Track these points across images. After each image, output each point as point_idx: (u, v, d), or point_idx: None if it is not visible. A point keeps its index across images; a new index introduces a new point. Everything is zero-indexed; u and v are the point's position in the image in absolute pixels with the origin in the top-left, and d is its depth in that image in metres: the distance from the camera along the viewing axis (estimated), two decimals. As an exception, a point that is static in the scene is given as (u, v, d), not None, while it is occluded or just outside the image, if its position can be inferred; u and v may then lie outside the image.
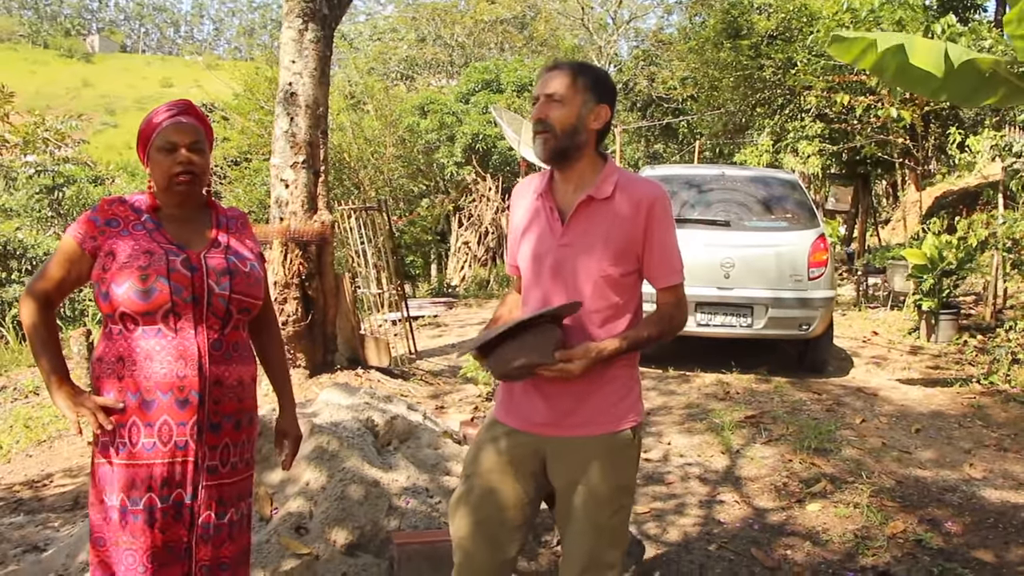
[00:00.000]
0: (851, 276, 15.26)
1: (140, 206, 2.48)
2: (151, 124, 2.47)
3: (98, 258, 2.40)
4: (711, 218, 7.92)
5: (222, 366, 2.43)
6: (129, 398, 2.35)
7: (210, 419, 2.41)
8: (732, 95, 18.49)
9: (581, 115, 2.36)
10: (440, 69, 35.77)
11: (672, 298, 2.45)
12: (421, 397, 6.90)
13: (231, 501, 2.49)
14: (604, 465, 2.39)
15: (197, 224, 2.52)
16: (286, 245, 6.48)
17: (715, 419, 6.28)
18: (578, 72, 2.39)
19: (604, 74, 2.46)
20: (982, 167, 12.34)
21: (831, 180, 19.04)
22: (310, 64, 6.70)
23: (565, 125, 2.36)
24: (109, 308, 2.37)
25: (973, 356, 8.77)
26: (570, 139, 2.37)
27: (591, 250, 2.36)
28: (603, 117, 2.39)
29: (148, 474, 2.36)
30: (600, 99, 2.38)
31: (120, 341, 2.38)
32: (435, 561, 3.56)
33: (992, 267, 10.40)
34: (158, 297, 2.33)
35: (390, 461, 4.37)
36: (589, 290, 2.36)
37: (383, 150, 18.14)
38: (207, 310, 2.40)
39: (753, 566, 3.99)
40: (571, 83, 2.36)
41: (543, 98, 2.39)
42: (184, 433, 2.36)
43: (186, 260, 2.40)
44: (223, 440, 2.45)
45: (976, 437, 6.08)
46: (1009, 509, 4.74)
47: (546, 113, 2.37)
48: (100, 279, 2.38)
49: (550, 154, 2.40)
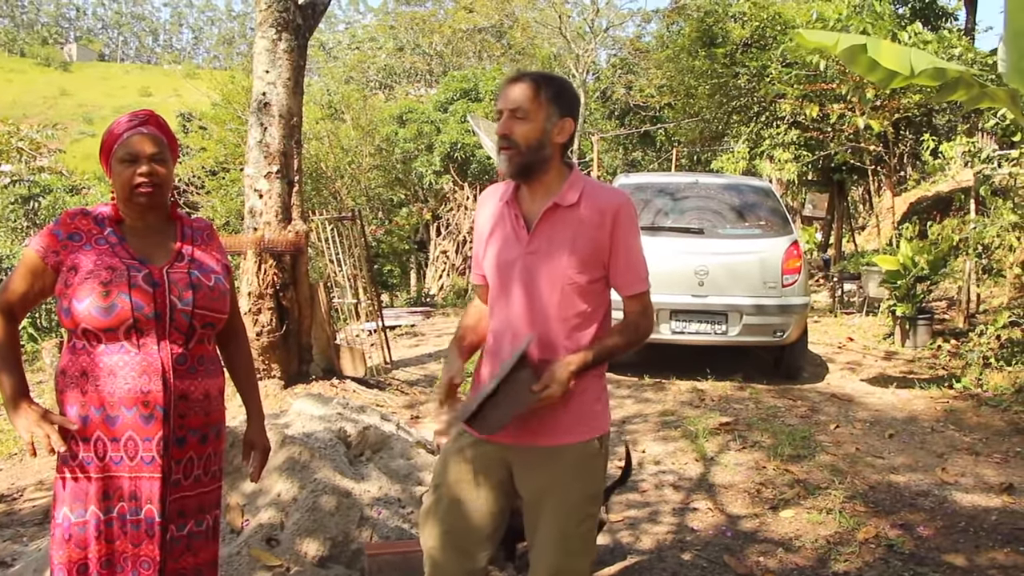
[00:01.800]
0: (827, 282, 15.36)
1: (103, 219, 2.45)
2: (112, 135, 2.44)
3: (60, 272, 2.38)
4: (685, 226, 7.95)
5: (187, 380, 2.42)
6: (93, 413, 2.33)
7: (175, 433, 2.39)
8: (708, 103, 18.59)
9: (546, 129, 2.34)
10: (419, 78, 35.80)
11: (638, 306, 2.45)
12: (396, 407, 6.88)
13: (191, 513, 2.47)
14: (571, 475, 2.39)
15: (161, 237, 2.50)
16: (260, 255, 6.46)
17: (690, 426, 6.30)
18: (541, 85, 2.35)
19: (567, 85, 2.44)
20: (955, 173, 12.44)
21: (807, 187, 19.15)
22: (284, 74, 6.69)
23: (530, 140, 2.34)
24: (71, 323, 2.35)
25: (947, 361, 8.84)
26: (535, 154, 2.35)
27: (557, 257, 2.35)
28: (567, 130, 2.37)
29: (119, 486, 2.35)
30: (564, 112, 2.36)
31: (83, 356, 2.36)
32: (407, 571, 3.54)
33: (964, 272, 10.49)
34: (120, 313, 2.31)
35: (362, 472, 4.35)
36: (556, 298, 2.36)
37: (360, 159, 18.11)
38: (170, 325, 2.38)
39: (726, 574, 3.99)
40: (534, 96, 2.33)
41: (506, 113, 2.36)
42: (150, 448, 2.35)
43: (148, 276, 2.38)
44: (187, 454, 2.44)
45: (949, 441, 6.13)
46: (980, 513, 4.78)
47: (510, 129, 2.35)
48: (62, 294, 2.36)
49: (515, 170, 2.39)
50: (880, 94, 12.65)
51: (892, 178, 16.63)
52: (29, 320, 11.49)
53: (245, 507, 4.01)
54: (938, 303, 11.53)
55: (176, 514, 2.43)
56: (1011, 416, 6.65)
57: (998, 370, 7.76)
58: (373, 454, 4.65)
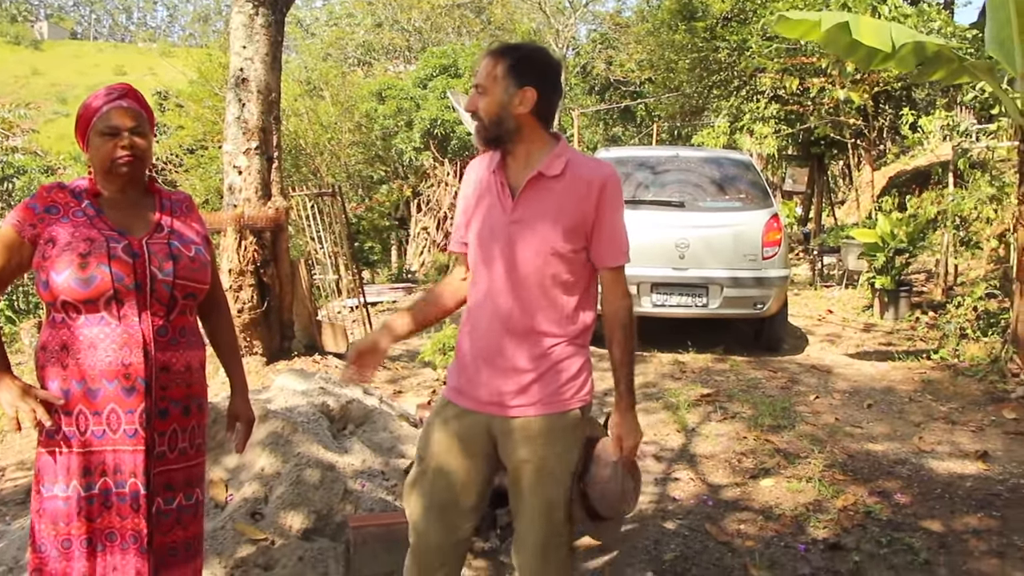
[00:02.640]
0: (807, 256, 15.44)
1: (80, 192, 2.44)
2: (90, 108, 2.43)
3: (38, 246, 2.36)
4: (666, 199, 7.97)
5: (169, 352, 2.41)
6: (74, 386, 2.33)
7: (158, 405, 2.39)
8: (688, 77, 18.57)
9: (503, 102, 2.34)
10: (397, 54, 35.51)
11: (619, 282, 2.46)
12: (378, 382, 6.88)
13: (179, 487, 2.48)
14: (553, 444, 2.40)
15: (139, 209, 2.49)
16: (240, 232, 6.43)
17: (671, 398, 6.35)
18: (499, 58, 2.37)
19: (530, 54, 2.42)
20: (934, 147, 12.51)
21: (788, 161, 19.21)
22: (261, 49, 6.63)
23: (490, 114, 2.36)
24: (50, 296, 2.34)
25: (924, 332, 8.93)
26: (498, 127, 2.37)
27: (541, 226, 2.36)
28: (529, 99, 2.35)
29: (101, 460, 2.34)
30: (524, 82, 2.34)
31: (63, 329, 2.35)
32: (391, 543, 3.56)
33: (943, 245, 10.57)
34: (99, 284, 2.30)
35: (345, 445, 4.37)
36: (538, 266, 2.36)
37: (340, 136, 18.00)
38: (151, 296, 2.38)
39: (707, 541, 4.04)
40: (491, 71, 2.36)
41: (473, 88, 2.42)
42: (132, 421, 2.34)
43: (127, 246, 2.37)
44: (171, 426, 2.44)
45: (926, 411, 6.21)
46: (956, 480, 4.85)
47: (475, 104, 2.39)
48: (40, 267, 2.34)
49: (482, 143, 2.44)
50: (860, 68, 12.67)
51: (871, 152, 16.70)
52: (6, 302, 11.40)
53: (228, 482, 4.02)
54: (916, 276, 11.62)
55: (163, 487, 2.43)
56: (986, 386, 6.73)
57: (974, 341, 7.85)
58: (356, 428, 4.67)
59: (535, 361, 2.39)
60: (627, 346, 2.46)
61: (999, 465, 5.09)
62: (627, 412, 2.43)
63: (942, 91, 15.55)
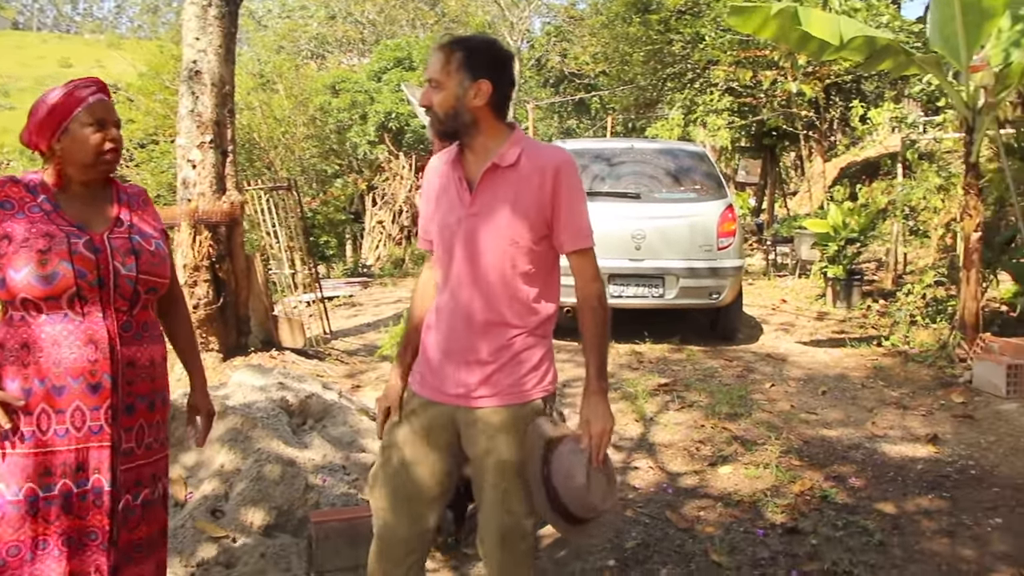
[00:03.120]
0: (760, 246, 15.64)
1: (35, 186, 2.38)
2: (75, 98, 2.37)
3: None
4: (621, 191, 8.01)
5: (133, 347, 2.39)
6: (36, 385, 2.28)
7: (124, 401, 2.36)
8: (642, 70, 18.69)
9: (458, 96, 2.34)
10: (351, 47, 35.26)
11: (586, 266, 2.44)
12: (337, 377, 6.85)
13: (147, 482, 2.45)
14: (516, 434, 2.40)
15: (98, 203, 2.45)
16: (195, 227, 6.35)
17: (629, 388, 6.40)
18: (451, 51, 2.36)
19: (482, 46, 2.41)
20: (883, 138, 12.75)
21: (741, 153, 19.42)
22: (215, 41, 6.54)
23: (445, 109, 2.36)
24: (7, 295, 2.29)
25: (876, 320, 9.10)
26: (453, 121, 2.37)
27: (498, 217, 2.36)
28: (484, 92, 2.34)
29: (62, 460, 2.29)
30: (477, 75, 2.34)
31: (23, 328, 2.30)
32: (353, 538, 3.56)
33: (892, 234, 10.77)
34: (61, 282, 2.26)
35: (305, 440, 4.35)
36: (499, 258, 2.37)
37: (294, 130, 17.83)
38: (114, 292, 2.35)
39: (668, 528, 4.09)
40: (444, 65, 2.35)
41: (427, 83, 2.40)
42: (98, 418, 2.31)
43: (89, 242, 2.33)
44: (138, 421, 2.41)
45: (878, 396, 6.33)
46: (908, 463, 4.96)
47: (429, 99, 2.38)
48: None
49: (439, 137, 2.44)
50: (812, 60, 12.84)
51: (823, 143, 16.94)
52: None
53: (187, 479, 3.98)
54: (867, 265, 11.83)
55: (133, 483, 2.40)
56: (935, 371, 6.88)
57: (924, 328, 8.01)
58: (316, 423, 4.65)
59: (497, 352, 2.40)
60: (596, 330, 2.43)
61: (948, 448, 5.21)
62: (595, 396, 2.39)
63: (891, 84, 15.82)
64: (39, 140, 2.40)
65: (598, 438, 2.36)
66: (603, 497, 2.36)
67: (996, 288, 8.41)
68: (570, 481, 2.32)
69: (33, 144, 2.42)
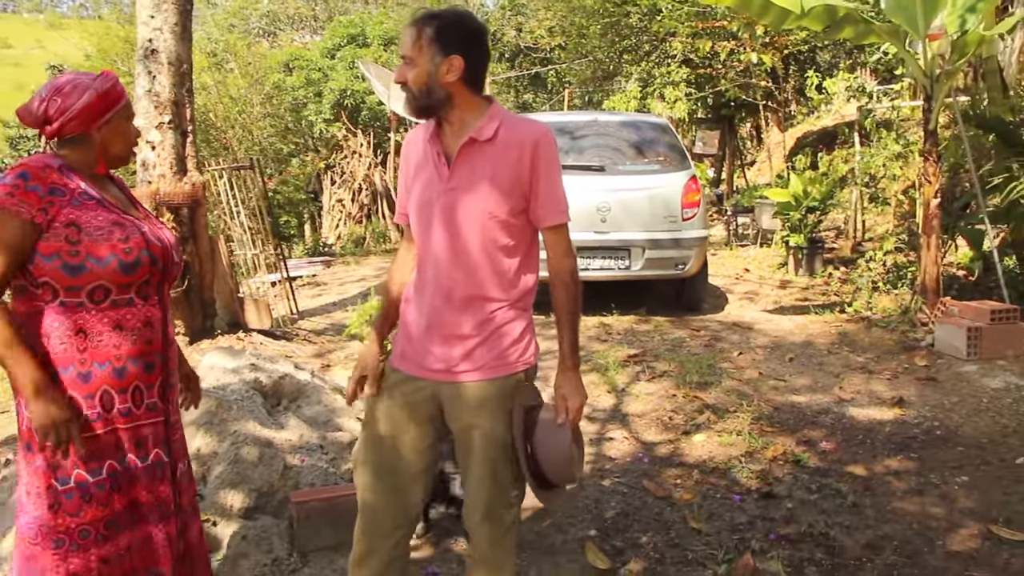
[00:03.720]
0: (721, 217, 15.75)
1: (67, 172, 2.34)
2: (119, 91, 2.42)
3: (53, 229, 2.25)
4: (586, 163, 8.00)
5: (169, 328, 2.51)
6: (96, 368, 2.31)
7: (168, 379, 2.48)
8: (600, 42, 18.65)
9: (431, 72, 2.33)
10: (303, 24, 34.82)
11: (560, 241, 2.47)
12: (305, 357, 6.81)
13: (184, 450, 2.61)
14: (499, 408, 2.41)
15: (113, 191, 2.48)
16: (156, 209, 6.25)
17: (599, 360, 6.43)
18: (422, 27, 2.34)
19: (453, 21, 2.39)
20: (839, 107, 12.87)
21: (698, 124, 19.50)
22: (170, 19, 6.42)
23: (419, 85, 2.35)
24: (78, 281, 2.27)
25: (838, 287, 9.23)
26: (428, 97, 2.36)
27: (476, 191, 2.36)
28: (457, 67, 2.33)
29: (128, 437, 2.37)
30: (449, 50, 2.32)
31: (79, 314, 2.29)
32: (334, 517, 3.56)
33: (851, 202, 10.91)
34: (142, 269, 2.34)
35: (281, 421, 4.32)
36: (478, 232, 2.36)
37: (250, 109, 17.58)
38: (166, 277, 2.46)
39: (646, 497, 4.13)
40: (415, 41, 2.33)
41: (401, 60, 2.40)
42: (153, 396, 2.41)
43: (150, 231, 2.42)
44: (175, 396, 2.55)
45: (844, 362, 6.43)
46: (876, 426, 5.06)
47: (403, 76, 2.37)
48: (65, 251, 2.25)
49: (414, 113, 2.43)
50: (769, 31, 12.92)
51: (779, 113, 17.07)
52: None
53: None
54: (827, 233, 11.97)
55: (181, 453, 2.56)
56: (898, 336, 7.00)
57: (885, 293, 8.15)
58: (290, 403, 4.62)
59: (479, 326, 2.40)
60: (569, 306, 2.48)
61: (914, 410, 5.31)
62: (571, 372, 2.45)
63: (846, 53, 15.96)
64: (82, 123, 2.36)
65: (575, 412, 2.44)
66: (576, 465, 2.48)
67: (954, 253, 8.56)
68: (553, 451, 2.40)
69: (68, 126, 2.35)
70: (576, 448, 2.47)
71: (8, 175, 2.27)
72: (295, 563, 3.45)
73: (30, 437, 2.27)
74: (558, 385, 2.46)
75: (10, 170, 2.29)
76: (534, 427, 2.42)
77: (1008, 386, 5.62)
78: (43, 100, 2.34)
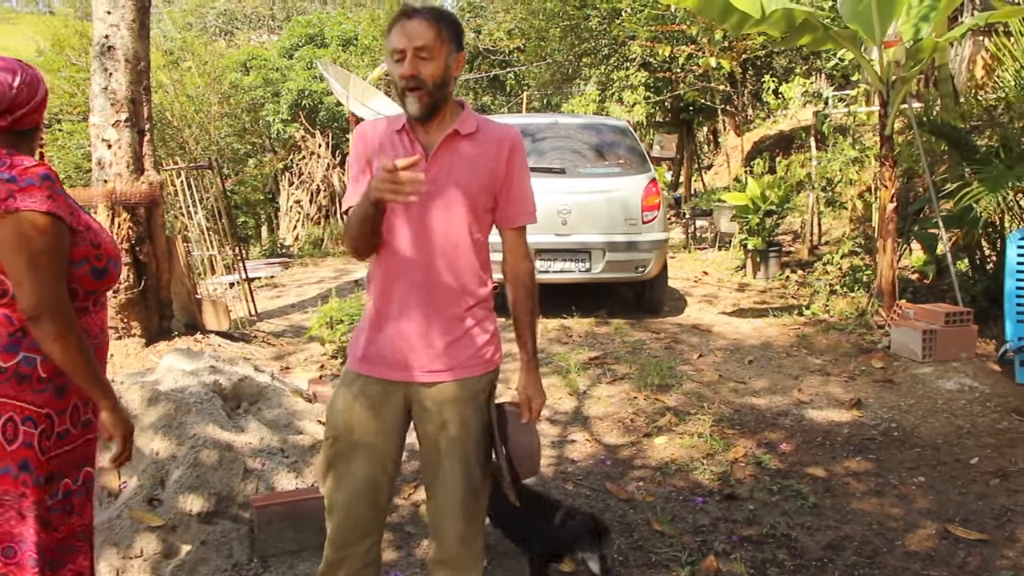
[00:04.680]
0: (679, 220, 15.86)
1: None
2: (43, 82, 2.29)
3: (81, 232, 2.16)
4: (546, 166, 8.00)
5: None
6: None
7: None
8: (559, 45, 18.68)
9: (448, 66, 2.31)
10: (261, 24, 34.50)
11: (520, 243, 2.47)
12: (264, 359, 6.73)
13: None
14: (468, 409, 2.40)
15: None
16: (113, 208, 6.13)
17: (560, 362, 6.43)
18: (439, 22, 2.31)
19: (455, 20, 2.40)
20: (795, 112, 13.02)
21: (656, 128, 19.63)
22: (127, 15, 6.30)
23: (436, 79, 2.29)
24: (100, 285, 2.23)
25: (795, 290, 9.33)
26: (440, 92, 2.32)
27: (456, 184, 2.34)
28: (462, 64, 2.38)
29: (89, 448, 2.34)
30: (459, 47, 2.35)
31: (84, 318, 2.23)
32: (296, 521, 3.52)
33: (808, 206, 11.04)
34: (120, 268, 2.31)
35: (241, 424, 4.26)
36: (457, 223, 2.35)
37: (208, 108, 17.36)
38: None
39: (608, 500, 4.14)
40: (437, 35, 2.28)
41: (411, 52, 2.26)
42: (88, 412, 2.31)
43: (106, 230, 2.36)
44: None
45: (802, 364, 6.50)
46: (834, 427, 5.11)
47: (418, 69, 2.27)
48: (92, 256, 2.18)
49: (425, 110, 2.32)
50: (729, 35, 13.04)
51: (736, 118, 17.24)
52: None
53: (120, 468, 3.86)
54: (784, 236, 12.10)
55: None
56: (855, 338, 7.08)
57: (842, 296, 8.25)
58: (250, 406, 4.56)
59: (454, 323, 2.38)
60: (530, 307, 2.49)
61: (871, 412, 5.38)
62: (533, 373, 2.49)
63: (802, 59, 16.16)
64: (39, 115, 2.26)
65: (538, 412, 2.49)
66: (538, 462, 2.57)
67: (908, 257, 8.70)
68: (523, 447, 2.46)
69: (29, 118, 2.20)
70: (537, 444, 2.54)
71: (28, 177, 2.04)
72: (255, 568, 3.40)
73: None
74: (524, 386, 2.48)
75: (23, 171, 2.05)
76: (506, 425, 2.45)
77: (962, 387, 5.71)
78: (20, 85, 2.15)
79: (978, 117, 8.10)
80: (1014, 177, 6.38)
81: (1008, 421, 5.11)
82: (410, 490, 4.20)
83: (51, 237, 2.04)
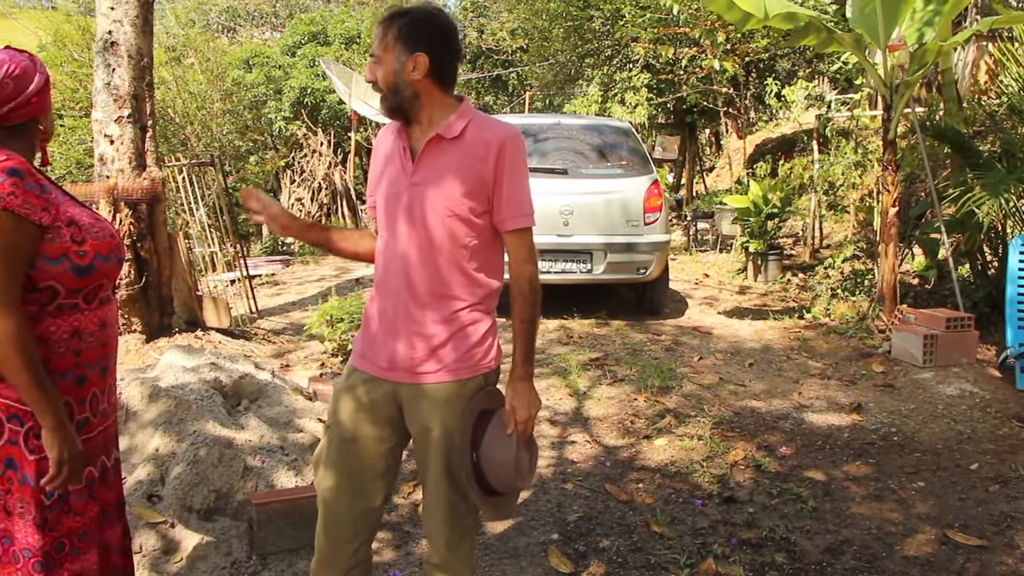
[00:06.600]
0: (681, 222, 15.86)
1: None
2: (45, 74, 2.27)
3: (58, 228, 2.12)
4: (549, 166, 8.00)
5: None
6: (89, 370, 2.25)
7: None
8: (562, 46, 18.65)
9: (396, 71, 2.31)
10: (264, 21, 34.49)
11: (521, 246, 2.42)
12: (264, 356, 6.73)
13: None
14: (458, 410, 2.38)
15: None
16: (114, 204, 6.13)
17: (560, 363, 6.43)
18: (388, 26, 2.34)
19: (419, 18, 2.36)
20: (797, 115, 13.02)
21: (658, 130, 19.62)
22: (131, 11, 6.29)
23: (387, 83, 2.34)
24: (84, 283, 2.18)
25: (796, 293, 9.33)
26: (395, 96, 2.34)
27: (439, 188, 2.33)
28: (421, 64, 2.31)
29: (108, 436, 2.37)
30: (413, 48, 2.30)
31: (73, 316, 2.20)
32: (295, 518, 3.52)
33: (810, 209, 11.03)
34: (117, 263, 2.29)
35: (241, 421, 4.26)
36: (440, 228, 2.34)
37: (210, 105, 17.35)
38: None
39: (608, 501, 4.13)
40: (382, 40, 2.33)
41: (370, 58, 2.39)
42: (104, 401, 2.33)
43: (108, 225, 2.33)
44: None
45: (802, 368, 6.49)
46: (834, 431, 5.11)
47: (373, 75, 2.37)
48: (73, 252, 2.15)
49: (387, 112, 2.41)
50: (732, 37, 13.03)
51: (739, 120, 17.24)
52: None
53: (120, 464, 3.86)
54: (785, 239, 12.10)
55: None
56: (856, 342, 7.08)
57: (843, 300, 8.25)
58: (251, 403, 4.55)
59: (441, 326, 2.37)
60: (525, 314, 2.42)
61: (871, 416, 5.38)
62: (520, 382, 2.39)
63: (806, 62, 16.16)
64: (34, 109, 2.21)
65: (523, 424, 2.38)
66: (523, 476, 2.42)
67: (910, 261, 8.69)
68: (497, 460, 2.36)
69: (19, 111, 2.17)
70: (526, 456, 2.42)
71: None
72: (254, 565, 3.40)
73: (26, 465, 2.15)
74: (508, 396, 2.41)
75: None
76: (483, 434, 2.38)
77: (962, 393, 5.71)
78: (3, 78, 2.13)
79: (981, 122, 8.11)
80: (1016, 182, 6.38)
81: (1008, 427, 5.11)
82: (409, 489, 4.20)
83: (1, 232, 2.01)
